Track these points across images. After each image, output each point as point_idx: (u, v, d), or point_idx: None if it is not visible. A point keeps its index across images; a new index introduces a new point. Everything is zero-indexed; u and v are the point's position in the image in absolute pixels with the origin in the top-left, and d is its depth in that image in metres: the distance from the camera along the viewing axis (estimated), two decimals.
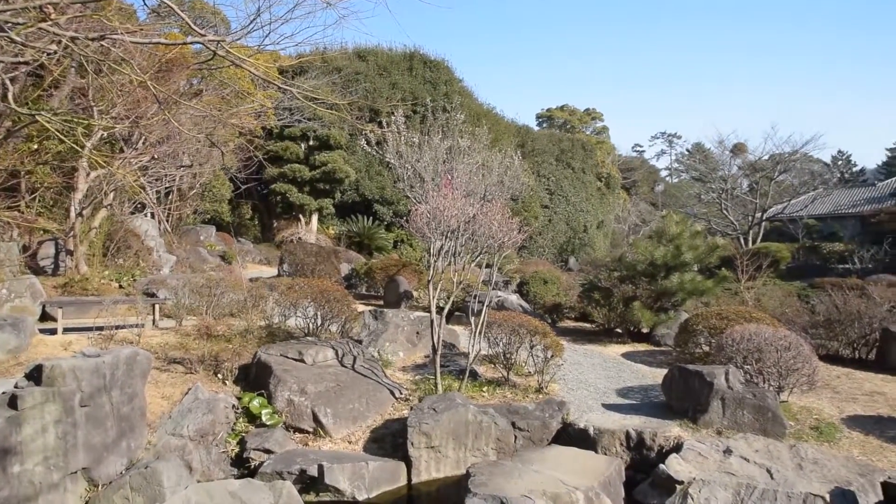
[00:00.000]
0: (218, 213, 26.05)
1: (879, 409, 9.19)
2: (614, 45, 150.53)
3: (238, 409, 8.40)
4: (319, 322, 11.32)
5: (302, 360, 9.37)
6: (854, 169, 70.60)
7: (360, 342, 10.96)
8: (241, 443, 7.92)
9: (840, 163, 70.76)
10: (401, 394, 9.56)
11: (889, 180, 45.83)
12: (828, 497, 6.17)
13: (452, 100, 26.45)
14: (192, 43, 9.03)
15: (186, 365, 9.18)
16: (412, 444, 7.69)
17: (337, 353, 9.89)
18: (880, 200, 38.46)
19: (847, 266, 29.29)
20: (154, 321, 11.28)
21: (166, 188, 20.35)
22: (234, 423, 8.21)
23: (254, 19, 6.60)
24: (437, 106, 22.51)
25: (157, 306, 11.47)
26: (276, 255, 22.49)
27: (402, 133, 15.33)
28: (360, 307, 13.63)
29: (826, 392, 9.92)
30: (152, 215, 19.23)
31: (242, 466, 7.66)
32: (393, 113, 17.35)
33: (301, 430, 8.40)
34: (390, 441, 8.32)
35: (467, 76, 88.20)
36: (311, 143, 27.89)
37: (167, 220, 20.15)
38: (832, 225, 40.56)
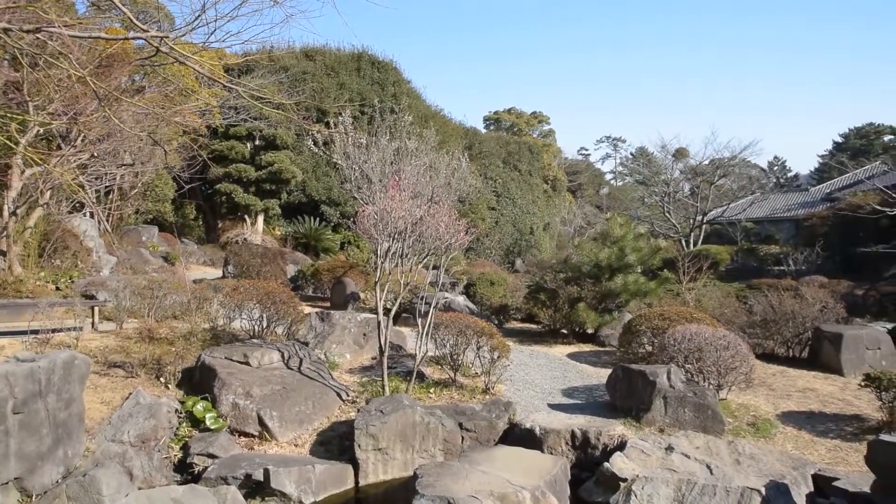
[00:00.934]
0: (161, 213, 25.46)
1: (811, 405, 9.57)
2: (562, 48, 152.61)
3: (181, 413, 8.22)
4: (265, 324, 11.17)
5: (247, 363, 9.23)
6: (789, 174, 73.47)
7: (306, 344, 10.86)
8: (185, 448, 7.76)
9: (776, 168, 73.50)
10: (348, 396, 9.50)
11: (821, 185, 47.71)
12: (763, 490, 6.37)
13: (400, 101, 26.43)
14: (133, 38, 8.82)
15: (127, 369, 8.95)
16: (359, 446, 7.66)
17: (283, 356, 9.77)
18: (813, 205, 39.93)
19: (782, 268, 30.26)
20: (93, 324, 10.96)
21: (106, 187, 19.77)
22: (178, 428, 8.03)
23: (199, 16, 6.49)
24: (385, 107, 22.40)
25: (96, 309, 11.15)
26: (221, 256, 22.08)
27: (349, 134, 15.20)
28: (307, 309, 13.51)
29: (762, 389, 10.28)
30: (91, 215, 18.65)
31: (186, 472, 7.50)
32: (340, 113, 17.20)
33: (246, 434, 8.27)
34: (337, 444, 8.27)
35: (416, 78, 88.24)
36: (257, 142, 27.50)
37: (107, 220, 19.61)
38: (768, 228, 42.05)
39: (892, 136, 53.50)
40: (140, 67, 15.57)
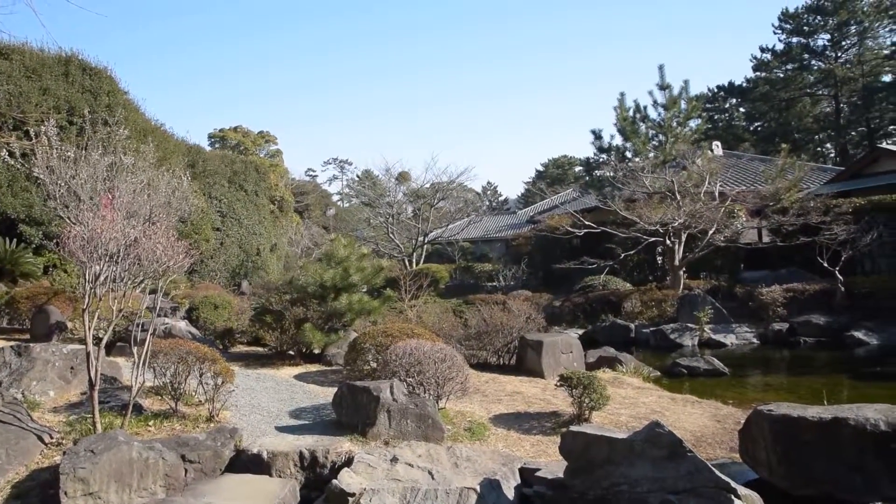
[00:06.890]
0: None
1: (518, 407, 10.47)
2: (289, 68, 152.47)
3: None
4: None
5: None
6: (500, 198, 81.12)
7: None
8: None
9: (489, 192, 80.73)
10: (52, 438, 8.57)
11: (526, 209, 53.43)
12: (479, 488, 6.94)
13: (115, 112, 24.38)
14: None
15: None
16: (66, 493, 6.95)
17: None
18: (519, 226, 44.39)
19: (495, 283, 33.09)
20: None
21: None
22: None
23: None
24: (98, 118, 20.58)
25: None
26: None
27: (54, 145, 13.81)
28: (1, 343, 11.98)
29: (477, 396, 11.00)
30: None
31: None
32: (43, 122, 15.54)
33: None
34: (38, 494, 7.40)
35: (134, 89, 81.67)
36: None
37: None
38: (483, 247, 45.88)
39: (580, 168, 61.32)
40: None
